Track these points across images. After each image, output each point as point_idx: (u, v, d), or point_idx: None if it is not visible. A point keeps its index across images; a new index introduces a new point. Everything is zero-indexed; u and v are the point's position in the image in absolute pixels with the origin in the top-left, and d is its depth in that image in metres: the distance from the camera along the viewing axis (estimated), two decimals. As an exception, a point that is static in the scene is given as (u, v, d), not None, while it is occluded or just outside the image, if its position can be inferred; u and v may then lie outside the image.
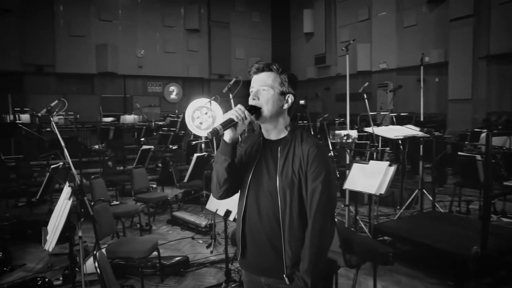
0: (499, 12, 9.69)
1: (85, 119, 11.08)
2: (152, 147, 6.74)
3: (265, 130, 1.73)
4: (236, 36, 16.55)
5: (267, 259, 1.66)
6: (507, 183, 4.75)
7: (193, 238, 5.04)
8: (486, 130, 7.52)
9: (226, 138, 1.61)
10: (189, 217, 5.47)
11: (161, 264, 3.81)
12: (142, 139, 9.01)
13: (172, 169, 7.19)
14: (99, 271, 2.14)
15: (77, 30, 13.35)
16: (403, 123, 6.05)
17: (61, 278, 3.51)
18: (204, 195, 6.02)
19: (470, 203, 5.75)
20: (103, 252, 2.38)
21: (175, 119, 10.72)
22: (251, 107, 1.62)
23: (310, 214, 1.60)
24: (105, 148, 8.46)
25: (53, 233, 2.58)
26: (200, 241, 4.93)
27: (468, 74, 10.30)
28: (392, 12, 12.66)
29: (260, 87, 1.64)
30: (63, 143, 2.73)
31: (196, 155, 4.89)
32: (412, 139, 5.66)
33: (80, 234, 2.85)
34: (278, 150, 1.66)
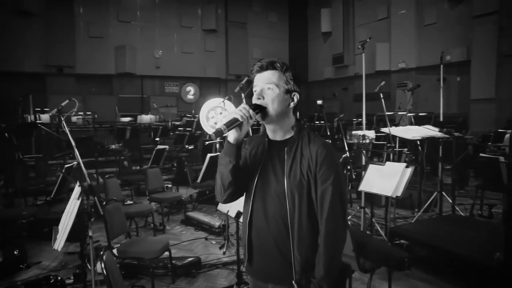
0: (525, 9, 9.34)
1: (103, 119, 11.24)
2: (166, 147, 6.75)
3: (270, 130, 1.66)
4: (253, 36, 16.51)
5: (274, 264, 1.59)
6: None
7: (206, 239, 5.01)
8: (510, 131, 7.26)
9: (230, 139, 1.55)
10: (203, 217, 5.45)
11: (172, 264, 3.79)
12: (156, 139, 9.07)
13: (187, 169, 7.19)
14: (105, 272, 2.13)
15: (96, 31, 13.54)
16: (421, 124, 5.87)
17: (72, 278, 3.53)
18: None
19: (492, 206, 5.54)
20: (110, 253, 2.36)
21: (191, 119, 10.77)
22: (256, 106, 1.55)
23: (322, 218, 1.54)
24: (122, 147, 8.56)
25: (62, 232, 2.59)
26: (213, 241, 4.90)
27: (492, 73, 9.95)
28: (412, 10, 12.36)
29: (265, 85, 1.58)
30: (74, 143, 2.73)
31: (209, 155, 4.85)
32: (431, 140, 5.49)
33: (90, 234, 2.85)
34: (285, 151, 1.60)
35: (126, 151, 8.42)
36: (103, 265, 2.13)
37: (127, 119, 11.80)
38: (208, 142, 7.08)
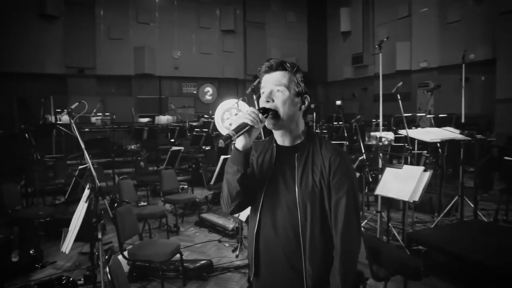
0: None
1: (121, 120, 11.38)
2: (182, 148, 6.76)
3: (278, 135, 1.56)
4: (272, 36, 16.42)
5: (284, 279, 1.51)
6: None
7: (219, 241, 4.97)
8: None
9: (238, 146, 1.45)
10: (216, 219, 5.41)
11: (183, 267, 3.75)
12: (172, 140, 9.10)
13: (202, 170, 7.18)
14: (109, 277, 2.10)
15: (116, 33, 13.75)
16: (442, 125, 5.67)
17: (82, 279, 3.54)
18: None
19: (518, 212, 5.29)
20: (116, 257, 2.34)
21: (208, 120, 10.78)
22: (265, 110, 1.46)
23: (336, 228, 1.46)
24: (139, 148, 8.63)
25: (70, 234, 2.58)
26: (227, 244, 4.86)
27: (519, 72, 9.58)
28: (434, 7, 12.03)
29: (275, 87, 1.48)
30: (83, 145, 2.72)
31: (222, 157, 4.81)
32: (451, 142, 5.29)
33: (99, 236, 2.85)
34: (295, 157, 1.50)
35: (143, 152, 8.49)
36: (107, 269, 2.10)
37: (145, 120, 11.91)
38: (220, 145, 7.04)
